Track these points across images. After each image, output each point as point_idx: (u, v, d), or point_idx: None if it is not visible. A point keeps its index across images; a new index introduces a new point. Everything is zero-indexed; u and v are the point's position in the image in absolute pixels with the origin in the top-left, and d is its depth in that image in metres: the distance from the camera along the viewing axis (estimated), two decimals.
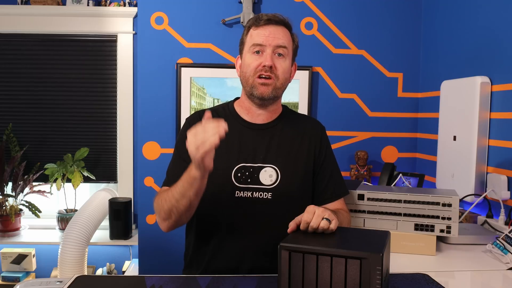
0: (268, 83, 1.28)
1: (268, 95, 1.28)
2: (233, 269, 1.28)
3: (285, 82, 1.32)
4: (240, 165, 1.29)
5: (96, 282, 1.15)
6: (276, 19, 1.29)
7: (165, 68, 2.41)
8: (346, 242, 1.00)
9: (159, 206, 1.24)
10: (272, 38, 1.27)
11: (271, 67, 1.26)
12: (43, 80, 2.89)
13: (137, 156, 2.49)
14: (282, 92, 1.34)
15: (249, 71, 1.29)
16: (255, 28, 1.30)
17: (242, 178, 1.28)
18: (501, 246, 1.36)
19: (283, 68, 1.29)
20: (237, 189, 1.28)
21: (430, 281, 1.13)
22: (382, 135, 2.51)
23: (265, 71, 1.27)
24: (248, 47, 1.30)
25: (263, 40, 1.27)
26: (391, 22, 2.47)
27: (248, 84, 1.30)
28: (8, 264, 2.78)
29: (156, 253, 2.42)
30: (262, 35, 1.27)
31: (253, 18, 1.33)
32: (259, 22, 1.29)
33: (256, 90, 1.28)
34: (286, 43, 1.29)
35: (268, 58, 1.26)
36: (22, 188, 2.79)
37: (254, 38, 1.29)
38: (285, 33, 1.31)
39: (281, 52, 1.28)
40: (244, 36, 1.34)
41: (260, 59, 1.27)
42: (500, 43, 1.80)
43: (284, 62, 1.30)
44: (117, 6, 2.83)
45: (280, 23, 1.30)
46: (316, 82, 2.47)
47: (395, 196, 1.46)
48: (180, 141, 1.36)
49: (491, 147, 1.84)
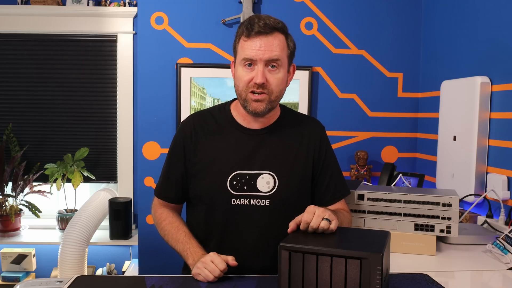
0: (261, 99, 1.22)
1: (262, 110, 1.24)
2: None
3: (280, 93, 1.27)
4: (235, 173, 1.27)
5: (96, 282, 1.15)
6: (267, 30, 1.20)
7: (165, 68, 2.41)
8: (346, 242, 1.00)
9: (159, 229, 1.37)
10: (263, 52, 1.19)
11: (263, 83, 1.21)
12: (43, 80, 2.89)
13: (137, 156, 2.49)
14: (278, 102, 1.30)
15: (242, 86, 1.24)
16: (245, 38, 1.22)
17: (238, 185, 1.26)
18: (501, 246, 1.36)
19: (276, 81, 1.23)
20: (233, 197, 1.26)
21: (430, 281, 1.13)
22: (382, 135, 2.51)
23: (257, 87, 1.21)
24: (240, 60, 1.24)
25: (254, 55, 1.20)
26: (391, 22, 2.47)
27: (241, 98, 1.26)
28: (8, 264, 2.78)
29: (156, 253, 2.42)
30: (253, 49, 1.20)
31: (243, 24, 1.24)
32: (250, 33, 1.20)
33: (249, 105, 1.24)
34: (279, 53, 1.21)
35: (259, 76, 1.20)
36: (22, 188, 2.79)
37: (245, 51, 1.22)
38: (278, 41, 1.22)
39: (274, 65, 1.22)
40: (236, 44, 1.27)
41: (252, 74, 1.22)
42: (500, 43, 1.80)
43: (277, 74, 1.23)
44: (117, 6, 2.83)
45: (272, 31, 1.21)
46: (316, 82, 2.47)
47: (395, 196, 1.46)
48: (172, 148, 1.37)
49: (491, 147, 1.84)
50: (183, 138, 1.33)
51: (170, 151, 1.37)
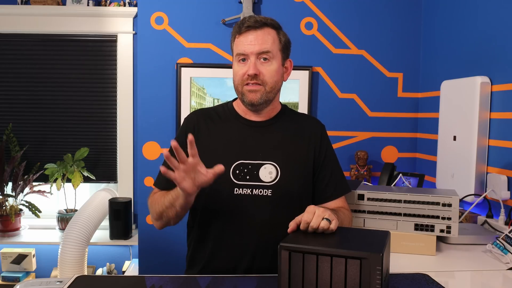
0: (255, 89, 1.29)
1: (258, 101, 1.30)
2: (232, 268, 1.29)
3: (275, 85, 1.32)
4: (238, 162, 1.30)
5: (96, 282, 1.15)
6: (257, 24, 1.28)
7: (165, 68, 2.41)
8: (346, 242, 1.00)
9: (152, 207, 1.31)
10: (253, 45, 1.27)
11: (256, 74, 1.27)
12: (43, 80, 2.89)
13: (137, 156, 2.49)
14: (274, 95, 1.34)
15: (237, 80, 1.31)
16: (238, 36, 1.31)
17: (241, 175, 1.29)
18: (501, 246, 1.36)
19: (269, 72, 1.29)
20: (236, 186, 1.29)
21: (430, 281, 1.13)
22: (382, 135, 2.51)
23: (250, 79, 1.28)
24: (235, 56, 1.33)
25: (245, 49, 1.28)
26: (391, 22, 2.47)
27: (238, 92, 1.33)
28: (8, 264, 2.78)
29: (156, 253, 2.42)
30: (244, 44, 1.28)
31: (236, 25, 1.33)
32: (241, 29, 1.29)
33: (246, 97, 1.30)
34: (269, 46, 1.28)
35: (251, 67, 1.27)
36: (22, 188, 2.79)
37: (238, 47, 1.30)
38: (269, 35, 1.29)
39: (265, 57, 1.28)
40: (232, 43, 1.35)
41: (245, 68, 1.29)
42: (500, 43, 1.80)
43: (269, 66, 1.29)
44: (117, 6, 2.84)
45: (262, 26, 1.28)
46: (316, 82, 2.47)
47: (395, 196, 1.46)
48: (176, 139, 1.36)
49: (491, 147, 1.84)
50: (187, 130, 1.34)
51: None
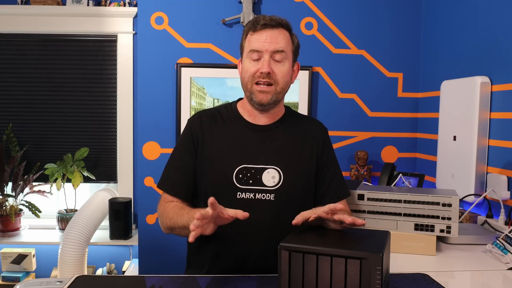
0: (266, 90, 1.28)
1: (268, 101, 1.29)
2: (236, 270, 1.28)
3: (286, 86, 1.32)
4: (241, 166, 1.29)
5: (96, 282, 1.15)
6: (273, 23, 1.27)
7: (165, 68, 2.41)
8: (346, 242, 1.00)
9: (163, 217, 1.28)
10: (269, 43, 1.26)
11: (269, 73, 1.26)
12: (43, 80, 2.89)
13: (137, 156, 2.49)
14: (283, 95, 1.34)
15: (247, 77, 1.29)
16: (252, 33, 1.29)
17: (244, 179, 1.28)
18: (501, 246, 1.36)
19: (282, 72, 1.28)
20: (238, 190, 1.28)
21: (430, 281, 1.13)
22: (382, 135, 2.51)
23: (262, 77, 1.27)
24: (246, 53, 1.30)
25: (260, 46, 1.26)
26: (391, 22, 2.47)
27: (247, 90, 1.31)
28: (8, 264, 2.78)
29: (156, 253, 2.42)
30: (259, 41, 1.26)
31: (250, 22, 1.31)
32: (256, 27, 1.27)
33: (255, 97, 1.29)
34: (284, 46, 1.28)
35: (265, 65, 1.25)
36: (22, 188, 2.79)
37: (251, 43, 1.28)
38: (283, 35, 1.29)
39: (279, 57, 1.27)
40: (243, 41, 1.33)
41: (258, 65, 1.27)
42: (500, 43, 1.80)
43: (282, 66, 1.28)
44: (117, 6, 2.83)
45: (277, 25, 1.28)
46: (316, 82, 2.47)
47: (395, 196, 1.46)
48: (181, 141, 1.37)
49: (491, 147, 1.84)
50: (192, 133, 1.34)
51: (179, 147, 1.37)
